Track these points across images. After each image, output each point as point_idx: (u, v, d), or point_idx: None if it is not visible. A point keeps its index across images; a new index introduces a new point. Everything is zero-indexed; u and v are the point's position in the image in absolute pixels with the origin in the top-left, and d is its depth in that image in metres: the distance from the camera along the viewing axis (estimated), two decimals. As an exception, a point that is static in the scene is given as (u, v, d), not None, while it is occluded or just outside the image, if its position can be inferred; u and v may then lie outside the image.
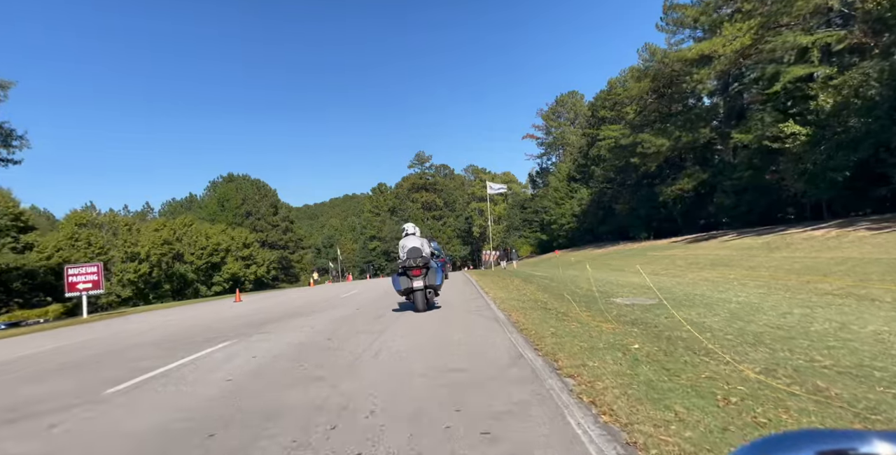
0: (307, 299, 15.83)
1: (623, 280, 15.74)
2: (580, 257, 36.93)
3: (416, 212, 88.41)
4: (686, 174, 32.45)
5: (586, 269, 25.32)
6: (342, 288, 22.76)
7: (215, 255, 45.73)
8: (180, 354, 6.93)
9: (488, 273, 27.40)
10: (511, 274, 24.68)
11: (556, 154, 70.48)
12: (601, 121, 52.11)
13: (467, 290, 14.87)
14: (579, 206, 53.03)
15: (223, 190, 65.20)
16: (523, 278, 18.29)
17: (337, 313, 10.61)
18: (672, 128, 32.51)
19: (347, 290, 18.87)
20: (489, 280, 18.66)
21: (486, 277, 21.09)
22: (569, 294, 11.39)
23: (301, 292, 22.63)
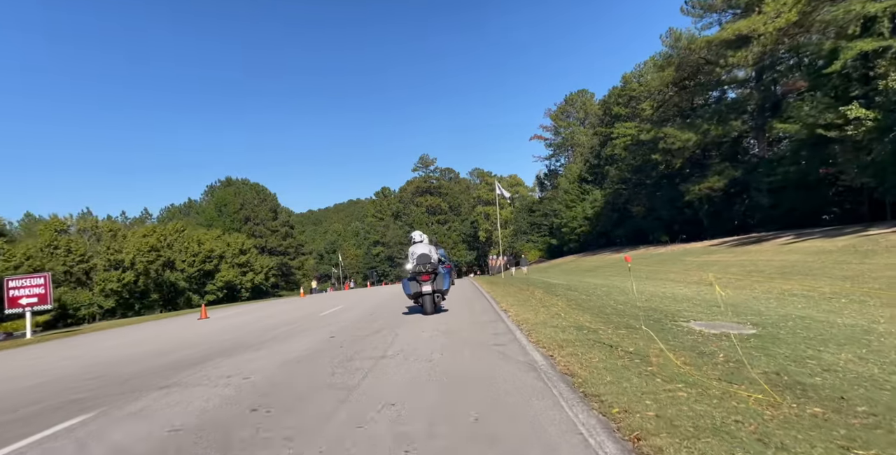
0: (280, 317, 12.82)
1: (669, 291, 12.66)
2: (597, 263, 33.78)
3: (421, 216, 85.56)
4: (715, 171, 29.31)
5: (609, 276, 22.24)
6: (331, 300, 19.77)
7: (208, 262, 42.91)
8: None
9: (498, 281, 24.34)
10: (525, 282, 21.61)
11: (566, 155, 67.45)
12: (615, 118, 49.12)
13: (478, 305, 11.84)
14: (592, 208, 49.90)
15: (221, 194, 62.58)
16: (544, 289, 15.25)
17: (300, 345, 7.63)
18: (699, 121, 29.43)
19: (333, 305, 15.88)
20: (502, 290, 15.63)
21: (497, 287, 18.08)
22: (615, 314, 8.38)
23: (283, 305, 19.63)
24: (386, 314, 10.93)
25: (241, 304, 25.21)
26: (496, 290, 15.95)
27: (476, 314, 9.93)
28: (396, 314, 10.93)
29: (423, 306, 10.11)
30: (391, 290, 27.56)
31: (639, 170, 41.39)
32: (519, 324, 7.84)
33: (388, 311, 11.64)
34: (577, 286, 16.79)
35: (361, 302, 16.46)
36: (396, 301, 15.30)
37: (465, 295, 15.82)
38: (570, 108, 64.86)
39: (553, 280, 23.23)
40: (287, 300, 24.05)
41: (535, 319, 7.98)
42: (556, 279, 23.92)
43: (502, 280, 24.77)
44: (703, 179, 29.75)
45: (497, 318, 8.82)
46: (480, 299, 13.39)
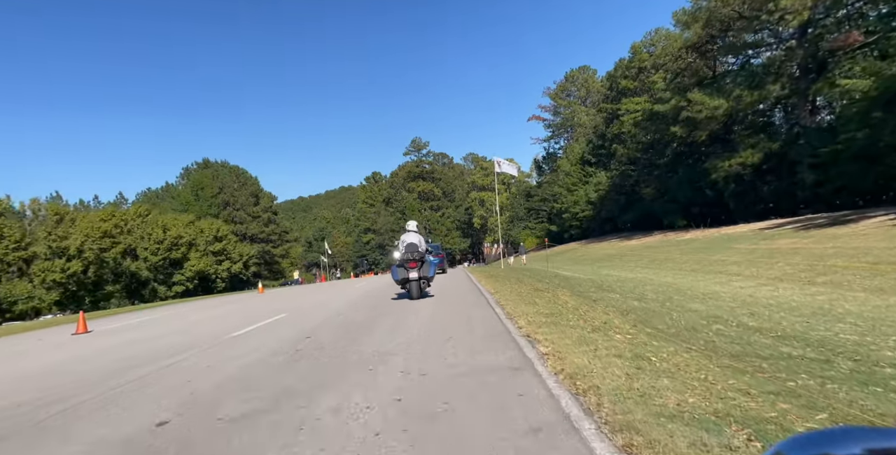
0: (169, 340, 8.23)
1: (763, 295, 8.42)
2: (609, 250, 29.56)
3: (413, 202, 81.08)
4: (747, 145, 24.99)
5: (635, 268, 18.02)
6: (286, 301, 15.36)
7: (175, 249, 38.39)
8: None
9: (498, 273, 20.04)
10: (534, 275, 17.32)
11: (566, 137, 62.90)
12: (621, 94, 44.58)
13: (480, 327, 7.52)
14: (596, 191, 45.57)
15: (197, 177, 57.73)
16: (567, 288, 10.96)
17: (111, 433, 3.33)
18: (730, 85, 25.02)
19: (278, 310, 11.51)
20: (509, 290, 11.35)
21: (500, 282, 13.81)
22: (747, 354, 4.14)
23: (213, 310, 14.93)
24: (335, 344, 6.58)
25: (176, 304, 20.45)
26: (501, 288, 11.63)
27: (475, 342, 5.57)
28: (358, 342, 6.59)
29: (409, 291, 10.51)
30: (378, 281, 23.31)
31: (650, 148, 37.04)
32: (569, 380, 3.49)
33: (346, 331, 7.29)
34: (605, 282, 12.52)
35: (322, 305, 12.11)
36: (375, 300, 11.01)
37: (456, 295, 11.50)
38: (571, 85, 60.11)
39: (565, 271, 18.96)
40: (236, 298, 19.42)
41: (611, 383, 3.50)
42: (568, 270, 19.65)
43: (503, 272, 20.46)
44: (733, 154, 25.43)
45: (523, 365, 4.36)
46: (479, 304, 9.06)
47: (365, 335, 6.44)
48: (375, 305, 10.33)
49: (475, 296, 10.55)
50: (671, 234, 28.67)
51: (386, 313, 8.72)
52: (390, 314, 8.52)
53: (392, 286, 15.39)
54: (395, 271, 10.61)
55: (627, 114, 41.84)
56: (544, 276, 16.38)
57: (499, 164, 26.03)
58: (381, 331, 6.68)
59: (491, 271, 21.71)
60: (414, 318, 7.77)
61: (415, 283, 10.27)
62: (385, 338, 6.11)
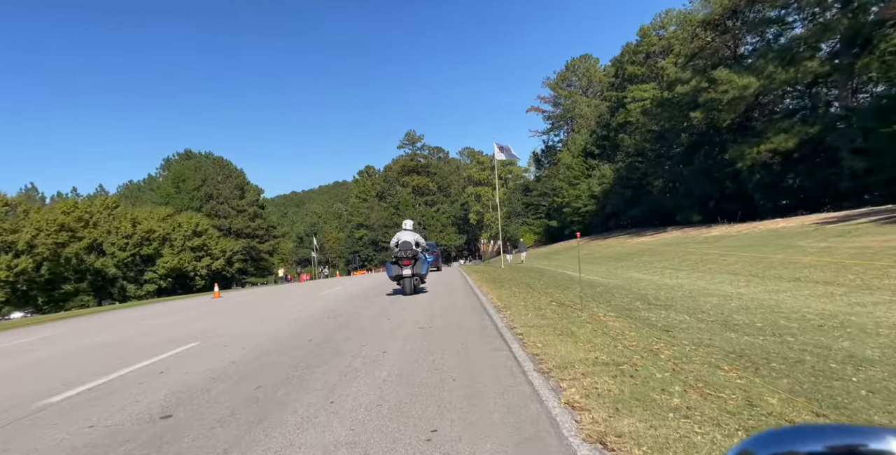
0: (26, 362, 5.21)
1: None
2: (620, 248, 26.47)
3: (407, 197, 77.80)
4: (779, 129, 21.92)
5: (669, 270, 14.90)
6: (212, 320, 12.10)
7: (146, 245, 35.03)
8: None
9: (498, 274, 16.86)
10: (539, 276, 14.20)
11: (566, 129, 59.78)
12: (628, 80, 41.44)
13: (497, 412, 4.36)
14: (600, 185, 42.50)
15: (178, 169, 54.18)
16: (601, 300, 7.85)
17: None
18: (761, 62, 21.92)
19: (168, 345, 8.31)
20: (521, 301, 8.20)
21: (503, 288, 10.66)
22: None
23: (112, 331, 11.91)
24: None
25: (95, 314, 17.30)
26: (511, 301, 8.43)
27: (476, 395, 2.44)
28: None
29: (403, 288, 10.69)
30: (363, 283, 20.16)
31: (661, 138, 33.94)
32: None
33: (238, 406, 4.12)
34: (644, 291, 9.42)
35: (272, 318, 8.94)
36: (324, 329, 7.84)
37: (449, 323, 8.35)
38: (572, 75, 56.92)
39: (575, 272, 15.85)
40: (172, 308, 15.72)
41: None
42: (583, 272, 16.58)
43: (505, 274, 17.29)
44: (762, 140, 22.36)
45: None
46: (487, 343, 5.92)
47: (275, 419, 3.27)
48: (361, 314, 7.16)
49: (477, 316, 7.38)
50: (690, 230, 25.60)
51: (319, 365, 5.55)
52: (325, 368, 5.34)
53: (372, 297, 12.30)
54: (389, 268, 10.88)
55: (634, 102, 38.77)
56: (558, 279, 13.25)
57: (500, 149, 22.82)
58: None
59: (491, 272, 18.57)
60: (374, 371, 4.61)
61: (408, 279, 10.55)
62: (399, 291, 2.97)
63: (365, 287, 16.10)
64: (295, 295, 15.74)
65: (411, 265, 10.50)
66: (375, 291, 13.36)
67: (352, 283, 20.10)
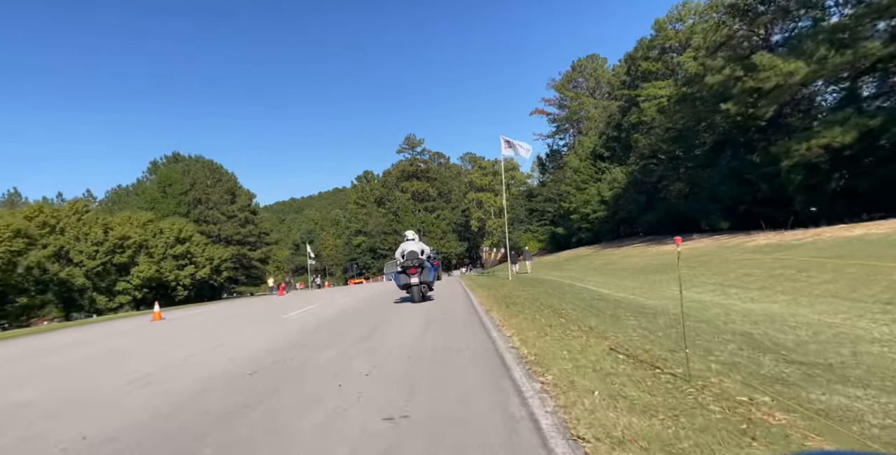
0: None
1: None
2: (642, 258, 23.27)
3: (406, 203, 74.78)
4: (832, 121, 18.82)
5: (734, 289, 11.66)
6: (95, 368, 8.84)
7: (119, 252, 31.91)
8: None
9: (512, 291, 13.59)
10: (561, 294, 10.93)
11: (572, 132, 56.84)
12: (641, 78, 38.52)
13: None
14: (610, 189, 39.44)
15: (165, 172, 51.18)
16: (701, 349, 4.69)
17: None
18: (809, 45, 18.86)
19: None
20: (557, 341, 5.07)
21: (525, 317, 7.42)
22: None
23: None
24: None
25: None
26: (543, 345, 5.24)
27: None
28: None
29: (411, 296, 11.09)
30: (360, 293, 16.97)
31: (680, 137, 30.84)
32: None
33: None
34: (741, 325, 6.24)
35: (165, 376, 5.80)
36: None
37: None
38: (579, 75, 54.08)
39: (606, 289, 12.67)
40: (83, 337, 12.59)
41: None
42: (610, 286, 13.35)
43: (517, 289, 14.02)
44: (812, 135, 19.25)
45: None
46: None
47: None
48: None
49: (494, 392, 4.20)
50: (723, 237, 22.41)
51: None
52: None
53: (344, 326, 9.23)
54: (397, 278, 11.22)
55: (649, 100, 35.82)
56: (586, 298, 10.03)
57: (507, 144, 19.68)
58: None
59: (498, 287, 15.33)
60: None
61: (416, 287, 10.88)
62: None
63: (345, 306, 12.89)
64: (253, 317, 12.52)
65: (418, 273, 10.81)
66: (350, 317, 10.17)
67: (335, 298, 16.88)
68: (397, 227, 73.22)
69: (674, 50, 36.19)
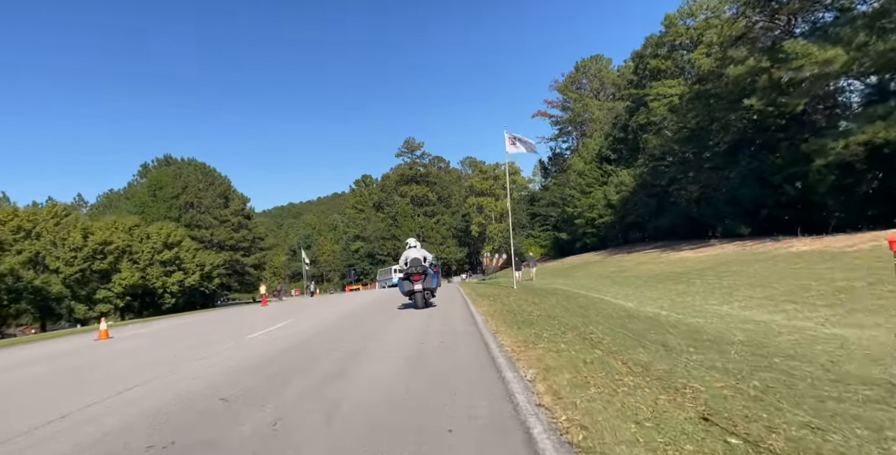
0: None
1: None
2: (658, 265, 21.29)
3: (405, 207, 72.87)
4: (872, 116, 16.94)
5: (768, 302, 9.57)
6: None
7: (100, 259, 29.99)
8: None
9: (522, 305, 11.54)
10: (572, 305, 8.85)
11: (575, 135, 55.04)
12: (650, 76, 36.74)
13: None
14: (618, 193, 37.55)
15: (156, 175, 49.39)
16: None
17: None
18: (847, 31, 17.02)
19: None
20: (603, 395, 3.16)
21: (542, 340, 5.48)
22: None
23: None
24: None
25: None
26: (585, 400, 3.30)
27: None
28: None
29: (414, 302, 11.23)
30: (353, 302, 14.96)
31: (694, 137, 28.96)
32: None
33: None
34: (856, 371, 4.25)
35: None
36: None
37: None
38: (583, 77, 52.38)
39: (631, 302, 10.71)
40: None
41: None
42: (632, 298, 11.36)
43: (523, 300, 11.95)
44: (851, 131, 17.36)
45: None
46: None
47: None
48: None
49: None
50: (748, 243, 20.45)
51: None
52: None
53: (313, 360, 7.25)
54: (401, 284, 11.47)
55: (658, 99, 34.02)
56: (611, 315, 8.00)
57: (511, 140, 17.78)
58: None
59: (503, 297, 13.30)
60: None
61: (419, 294, 11.04)
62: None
63: (325, 322, 10.88)
64: (210, 337, 10.51)
65: (422, 280, 10.92)
66: (329, 337, 8.16)
67: (321, 310, 14.88)
68: (396, 232, 71.23)
69: (684, 47, 34.44)
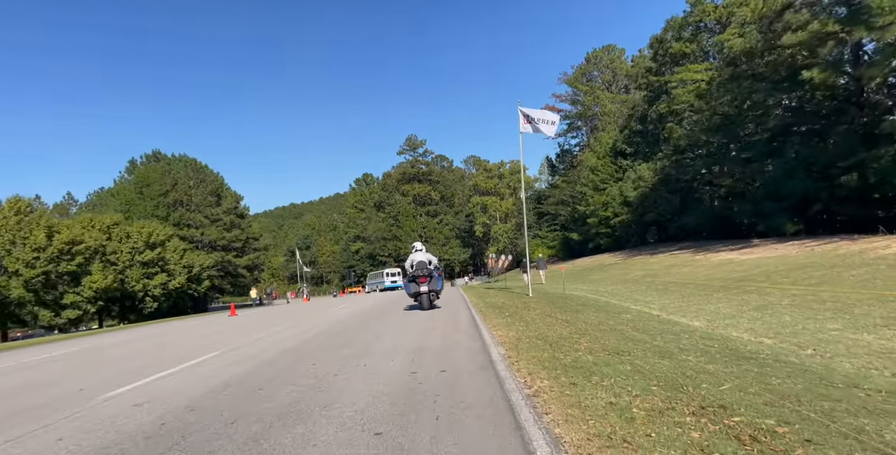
0: None
1: None
2: (698, 269, 17.79)
3: (407, 207, 69.54)
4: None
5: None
6: None
7: (66, 260, 26.81)
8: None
9: (551, 324, 8.10)
10: (620, 322, 5.32)
11: (586, 129, 51.60)
12: (671, 62, 33.29)
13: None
14: (635, 189, 34.10)
15: (143, 172, 46.21)
16: None
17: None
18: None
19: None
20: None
21: (614, 410, 2.23)
22: None
23: None
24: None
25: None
26: None
27: None
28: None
29: (420, 303, 11.52)
30: (339, 314, 11.59)
31: (726, 125, 25.44)
32: None
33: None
34: None
35: None
36: None
37: None
38: (593, 68, 48.97)
39: (730, 330, 7.20)
40: None
41: None
42: (704, 319, 7.97)
43: (547, 314, 8.47)
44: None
45: None
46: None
47: None
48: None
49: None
50: (811, 243, 16.96)
51: None
52: None
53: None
54: (407, 286, 11.80)
55: (682, 85, 30.58)
56: (723, 358, 4.61)
57: (526, 118, 14.36)
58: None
59: (520, 310, 9.86)
60: None
61: (425, 295, 11.33)
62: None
63: (287, 346, 7.47)
64: (82, 371, 7.15)
65: (427, 282, 11.24)
66: (267, 380, 4.82)
67: (297, 322, 11.48)
68: (398, 232, 67.92)
69: (710, 29, 31.01)
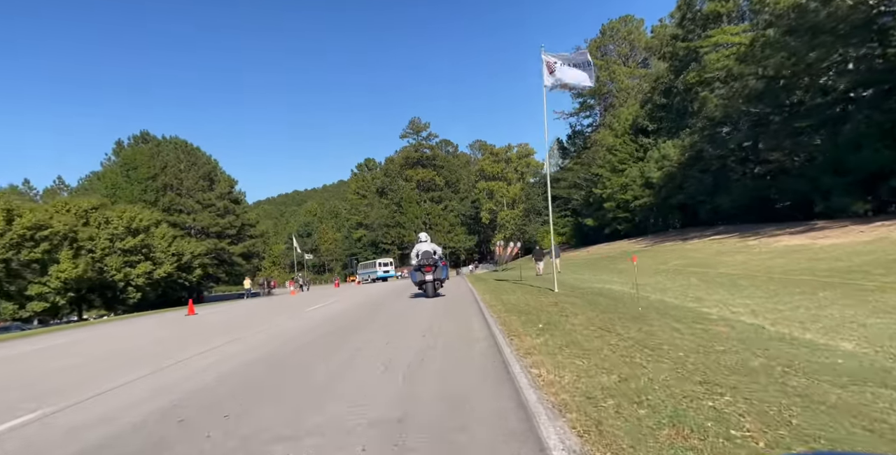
0: None
1: None
2: (750, 258, 14.40)
3: (411, 193, 66.14)
4: None
5: None
6: None
7: (31, 247, 23.89)
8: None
9: (606, 338, 4.97)
10: (775, 364, 2.17)
11: (599, 108, 47.76)
12: (702, 26, 29.43)
13: None
14: (659, 169, 30.52)
15: (130, 153, 43.06)
16: None
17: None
18: None
19: None
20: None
21: None
22: None
23: None
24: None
25: None
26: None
27: None
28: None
29: (425, 291, 11.71)
30: (326, 312, 8.43)
31: (771, 90, 21.81)
32: None
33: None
34: None
35: None
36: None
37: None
38: (609, 41, 44.97)
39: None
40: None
41: None
42: (867, 342, 4.78)
43: (590, 322, 5.26)
44: None
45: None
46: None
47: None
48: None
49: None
50: (893, 224, 13.53)
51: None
52: None
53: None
54: (413, 275, 12.03)
55: (717, 49, 26.85)
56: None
57: (549, 69, 11.01)
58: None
59: (550, 310, 6.69)
60: None
61: (430, 284, 11.56)
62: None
63: (248, 359, 4.31)
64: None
65: (433, 271, 11.47)
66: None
67: (274, 324, 8.31)
68: (401, 219, 64.76)
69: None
